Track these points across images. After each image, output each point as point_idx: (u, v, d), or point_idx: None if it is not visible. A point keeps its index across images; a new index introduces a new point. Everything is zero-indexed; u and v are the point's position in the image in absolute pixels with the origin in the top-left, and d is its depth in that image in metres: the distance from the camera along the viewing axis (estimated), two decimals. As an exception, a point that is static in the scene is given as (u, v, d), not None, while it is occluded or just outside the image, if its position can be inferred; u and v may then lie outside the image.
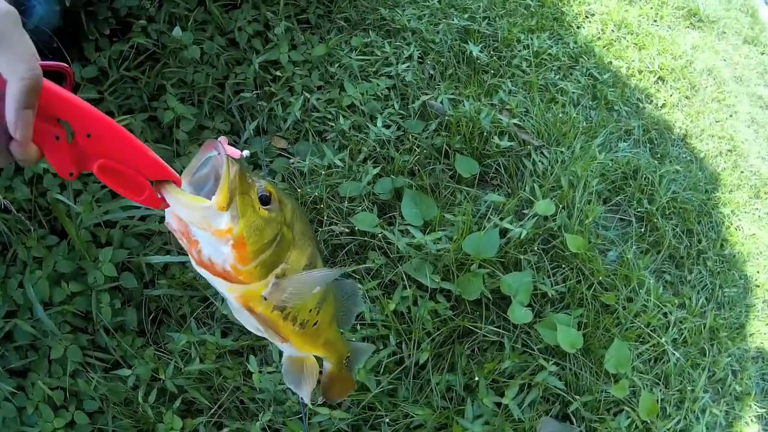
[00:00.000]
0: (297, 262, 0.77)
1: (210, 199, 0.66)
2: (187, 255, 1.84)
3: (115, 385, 1.73)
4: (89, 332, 1.82)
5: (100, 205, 1.92)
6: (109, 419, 1.69)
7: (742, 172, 3.32)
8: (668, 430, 2.07)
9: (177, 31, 2.32)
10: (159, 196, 0.65)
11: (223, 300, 1.89)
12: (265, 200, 0.71)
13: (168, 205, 0.66)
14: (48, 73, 0.58)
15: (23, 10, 1.89)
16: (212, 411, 1.76)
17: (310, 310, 0.84)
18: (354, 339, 1.85)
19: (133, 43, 2.23)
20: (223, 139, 0.69)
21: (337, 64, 2.60)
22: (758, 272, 2.92)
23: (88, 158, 0.60)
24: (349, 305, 0.96)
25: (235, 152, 0.70)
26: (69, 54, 2.07)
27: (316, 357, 0.97)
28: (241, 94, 2.43)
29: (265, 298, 0.74)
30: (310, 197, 2.14)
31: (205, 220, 0.65)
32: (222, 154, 0.66)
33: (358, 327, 1.90)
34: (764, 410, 2.44)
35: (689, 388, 2.22)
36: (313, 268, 0.80)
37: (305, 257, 0.79)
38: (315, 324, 0.87)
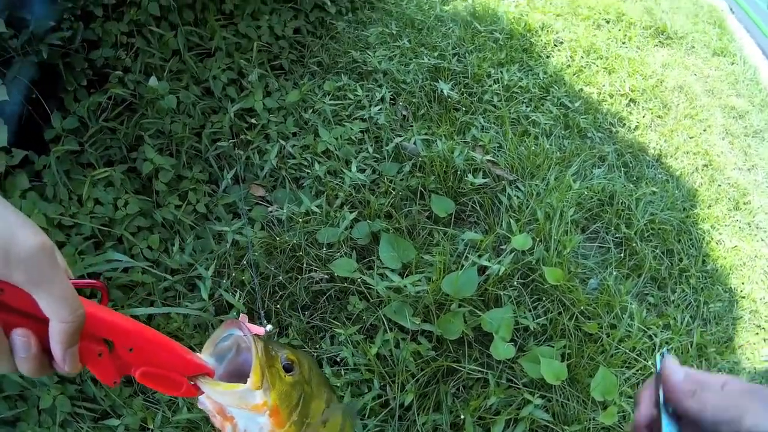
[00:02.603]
0: (317, 409, 0.85)
1: (229, 367, 0.73)
2: (175, 307, 1.83)
3: None
4: (77, 382, 1.83)
5: (83, 257, 1.94)
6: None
7: (719, 185, 3.36)
8: (663, 449, 2.07)
9: (153, 81, 2.35)
10: (192, 383, 0.69)
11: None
12: (288, 368, 0.78)
13: (203, 392, 0.71)
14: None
15: (3, 61, 1.92)
16: (203, 466, 1.77)
17: None
18: (338, 384, 1.87)
19: (110, 94, 2.26)
20: (243, 317, 0.74)
21: (311, 110, 2.64)
22: (743, 283, 2.95)
23: (130, 366, 0.64)
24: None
25: (258, 329, 0.75)
26: (48, 105, 2.11)
27: None
28: (218, 143, 2.46)
29: None
30: (288, 245, 2.16)
31: (242, 400, 0.71)
32: (248, 335, 0.72)
33: (342, 372, 1.92)
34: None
35: (680, 407, 2.22)
36: (329, 407, 0.89)
37: (323, 402, 0.87)
38: None
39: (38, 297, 0.53)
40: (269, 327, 0.80)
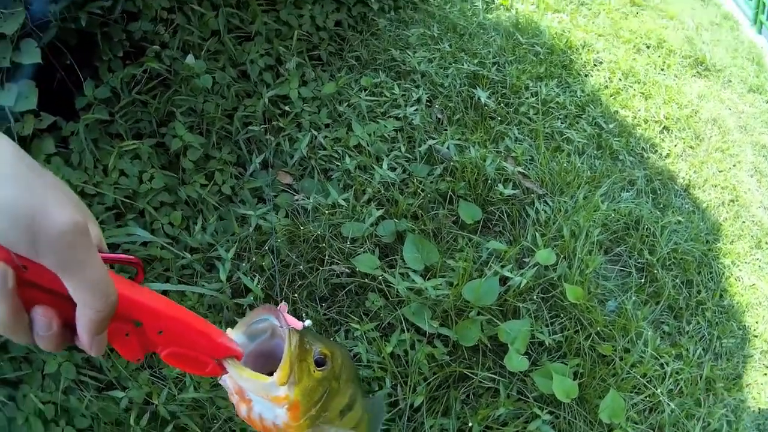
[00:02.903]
0: (338, 404, 0.82)
1: (259, 347, 0.71)
2: (191, 285, 1.82)
3: (107, 406, 1.72)
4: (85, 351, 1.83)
5: (104, 228, 1.94)
6: (98, 438, 1.69)
7: (743, 222, 3.33)
8: (662, 481, 2.07)
9: (190, 59, 2.35)
10: (217, 362, 0.67)
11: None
12: (320, 363, 0.75)
13: (227, 373, 0.69)
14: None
15: (40, 25, 1.93)
16: (203, 439, 1.76)
17: None
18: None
19: (146, 68, 2.25)
20: (282, 306, 0.72)
21: (346, 103, 2.64)
22: (757, 323, 2.92)
23: (156, 345, 0.61)
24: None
25: (297, 323, 0.73)
26: (82, 72, 2.11)
27: None
28: (249, 127, 2.46)
29: None
30: (312, 235, 2.16)
31: (264, 390, 0.69)
32: (284, 327, 0.69)
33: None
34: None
35: (684, 438, 2.22)
36: (352, 405, 0.84)
37: (346, 399, 0.83)
38: None
39: (67, 282, 0.48)
40: (308, 322, 0.78)
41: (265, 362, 0.71)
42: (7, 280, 0.46)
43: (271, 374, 0.71)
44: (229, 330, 0.70)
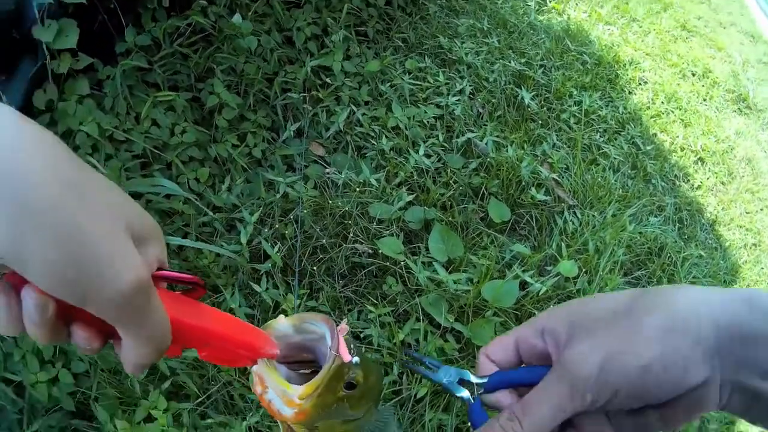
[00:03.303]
0: (345, 416, 0.77)
1: (302, 342, 0.69)
2: (207, 246, 1.79)
3: (108, 353, 1.69)
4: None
5: (129, 176, 1.91)
6: (94, 384, 1.67)
7: (762, 268, 3.29)
8: None
9: (237, 18, 2.31)
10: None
11: (231, 295, 1.89)
12: (349, 386, 0.70)
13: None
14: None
15: None
16: (200, 400, 1.73)
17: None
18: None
19: (190, 21, 2.21)
20: (344, 327, 0.67)
21: (388, 83, 2.60)
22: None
23: (197, 347, 0.58)
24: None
25: (345, 352, 0.68)
26: (125, 18, 2.06)
27: None
28: (288, 94, 2.43)
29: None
30: (339, 211, 2.13)
31: (282, 393, 0.67)
32: (332, 353, 0.65)
33: (364, 350, 1.89)
34: None
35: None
36: (358, 418, 0.79)
37: (355, 414, 0.78)
38: None
39: (119, 330, 0.44)
40: (356, 359, 0.74)
41: (298, 353, 0.69)
42: (48, 311, 0.41)
43: (299, 363, 0.70)
44: (281, 317, 0.68)
